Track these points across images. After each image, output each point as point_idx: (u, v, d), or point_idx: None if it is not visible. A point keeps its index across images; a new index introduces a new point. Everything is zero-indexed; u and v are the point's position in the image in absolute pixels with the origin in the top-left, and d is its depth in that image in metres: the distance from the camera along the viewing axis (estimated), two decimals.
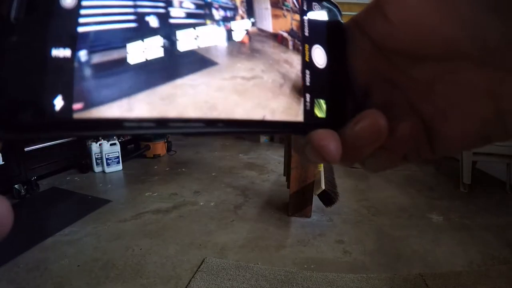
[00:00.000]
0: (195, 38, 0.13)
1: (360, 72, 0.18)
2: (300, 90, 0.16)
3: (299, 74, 0.16)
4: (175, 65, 0.12)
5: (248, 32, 0.15)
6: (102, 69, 0.10)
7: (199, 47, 0.13)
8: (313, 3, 0.17)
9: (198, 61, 0.13)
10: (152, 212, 1.93)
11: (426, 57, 0.15)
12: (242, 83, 0.14)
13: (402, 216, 1.91)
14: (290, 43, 0.16)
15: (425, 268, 1.40)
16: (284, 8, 0.16)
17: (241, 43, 0.15)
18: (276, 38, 0.16)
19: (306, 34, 0.17)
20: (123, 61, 0.11)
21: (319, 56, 0.17)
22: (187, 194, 2.21)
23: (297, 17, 0.17)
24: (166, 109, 0.12)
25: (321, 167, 1.88)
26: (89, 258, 1.44)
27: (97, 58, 0.10)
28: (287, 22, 0.17)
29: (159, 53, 0.12)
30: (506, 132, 0.15)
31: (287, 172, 2.13)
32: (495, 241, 1.61)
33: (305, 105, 0.16)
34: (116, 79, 0.11)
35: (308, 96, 0.17)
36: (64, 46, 0.10)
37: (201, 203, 2.07)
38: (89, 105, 0.10)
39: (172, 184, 2.42)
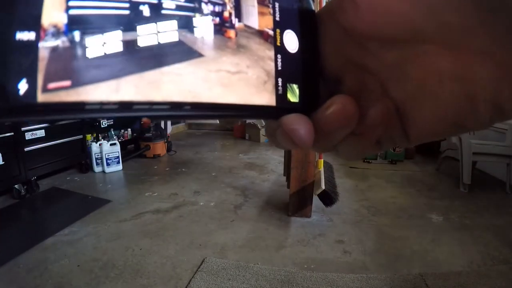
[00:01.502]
0: (182, 30, 0.13)
1: (332, 57, 0.18)
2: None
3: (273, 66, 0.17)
4: (158, 53, 0.12)
5: (235, 28, 0.15)
6: (72, 53, 0.10)
7: (186, 39, 0.13)
8: None
9: (185, 51, 0.13)
10: (152, 212, 1.93)
11: (394, 40, 0.15)
12: (227, 77, 0.14)
13: (402, 216, 1.91)
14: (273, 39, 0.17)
15: (425, 268, 1.40)
16: (267, 4, 0.17)
17: (228, 38, 0.15)
18: (262, 35, 0.16)
19: (277, 19, 0.17)
20: (94, 46, 0.11)
21: (291, 41, 0.17)
22: (187, 194, 2.21)
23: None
24: (150, 92, 0.12)
25: (321, 167, 1.88)
26: (89, 258, 1.44)
27: (72, 42, 0.10)
28: (271, 19, 0.17)
29: (134, 40, 0.12)
30: (478, 120, 0.15)
31: (287, 172, 2.13)
32: (495, 241, 1.61)
33: (277, 90, 0.16)
34: (85, 63, 0.10)
35: (280, 80, 0.17)
36: (29, 29, 0.09)
37: (201, 203, 2.07)
38: (52, 88, 0.10)
39: (172, 184, 2.42)
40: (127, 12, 0.11)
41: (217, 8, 0.15)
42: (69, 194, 2.21)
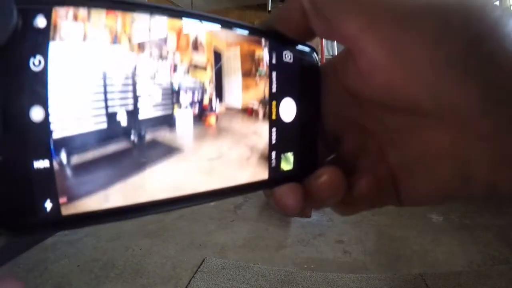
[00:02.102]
0: (159, 129, 0.13)
1: (333, 116, 0.18)
2: (267, 155, 0.17)
3: (267, 140, 0.16)
4: (142, 156, 0.13)
5: (215, 112, 0.15)
6: (78, 170, 0.11)
7: (165, 137, 0.14)
8: (284, 53, 0.17)
9: (164, 150, 0.14)
10: None
11: (396, 108, 0.15)
12: (207, 165, 0.15)
13: (402, 216, 1.91)
14: (261, 112, 0.16)
15: (425, 268, 1.40)
16: (258, 75, 0.16)
17: (208, 126, 0.15)
18: (246, 111, 0.16)
19: (274, 90, 0.16)
20: (96, 161, 0.12)
21: (288, 109, 0.17)
22: None
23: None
24: (138, 195, 0.13)
25: None
26: (89, 258, 1.44)
27: (73, 162, 0.11)
28: (259, 90, 0.16)
29: (127, 147, 0.13)
30: (470, 195, 0.15)
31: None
32: (495, 241, 1.61)
33: (270, 163, 0.17)
34: (93, 177, 0.12)
35: (274, 153, 0.17)
36: (43, 157, 0.11)
37: None
38: (73, 202, 0.11)
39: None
40: (104, 126, 0.12)
41: (196, 97, 0.14)
42: None
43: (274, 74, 0.16)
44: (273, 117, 0.17)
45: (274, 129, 0.17)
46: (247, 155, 0.16)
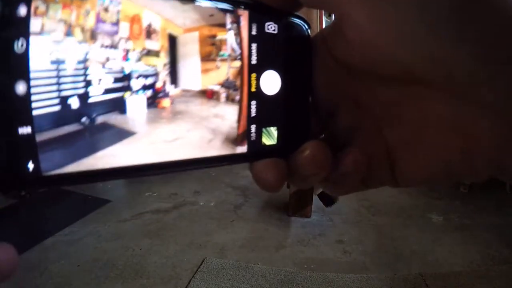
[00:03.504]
0: (113, 111, 0.14)
1: (326, 89, 0.17)
2: (234, 138, 0.16)
3: (233, 124, 0.16)
4: (95, 139, 0.14)
5: (170, 96, 0.15)
6: (55, 136, 0.13)
7: (116, 120, 0.14)
8: (266, 24, 0.16)
9: (116, 133, 0.14)
10: (152, 212, 1.93)
11: (388, 77, 0.14)
12: (163, 146, 0.15)
13: (402, 216, 1.91)
14: (223, 95, 0.16)
15: (425, 268, 1.40)
16: (219, 58, 0.16)
17: (161, 108, 0.15)
18: (205, 94, 0.16)
19: (254, 62, 0.16)
20: (63, 136, 0.13)
21: (271, 82, 0.17)
22: (187, 194, 2.21)
23: (237, 63, 0.16)
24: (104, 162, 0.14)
25: None
26: (89, 258, 1.44)
27: (50, 128, 0.13)
28: (221, 73, 0.16)
29: (80, 128, 0.14)
30: (474, 172, 0.14)
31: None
32: (495, 241, 1.61)
33: (249, 136, 0.16)
34: (63, 148, 0.13)
35: (253, 127, 0.16)
36: (26, 124, 0.12)
37: (201, 203, 2.07)
38: (51, 164, 0.13)
39: (172, 184, 2.41)
40: (58, 108, 0.13)
41: (149, 80, 0.15)
42: (69, 194, 2.21)
43: (254, 46, 0.16)
44: (253, 89, 0.16)
45: (253, 102, 0.16)
46: (209, 137, 0.16)
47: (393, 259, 1.47)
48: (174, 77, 0.15)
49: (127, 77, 0.14)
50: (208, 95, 0.16)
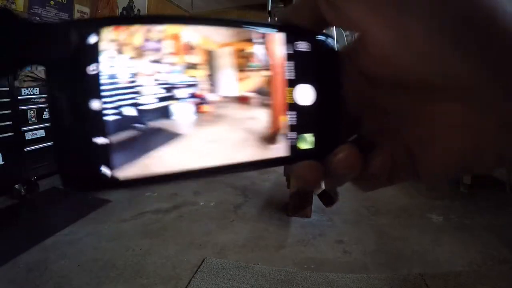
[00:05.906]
0: (163, 118, 0.16)
1: (352, 98, 0.19)
2: (269, 137, 0.19)
3: (266, 124, 0.19)
4: (148, 140, 0.16)
5: (211, 102, 0.17)
6: (124, 145, 0.15)
7: (164, 125, 0.16)
8: (300, 43, 0.18)
9: (166, 136, 0.16)
10: (152, 212, 1.93)
11: (406, 85, 0.16)
12: (208, 146, 0.17)
13: (402, 216, 1.91)
14: (256, 101, 0.18)
15: (425, 268, 1.40)
16: (248, 69, 0.18)
17: (205, 113, 0.17)
18: (242, 100, 0.18)
19: (289, 77, 0.18)
20: (125, 141, 0.15)
21: (305, 95, 0.19)
22: (187, 194, 2.21)
23: (266, 72, 0.19)
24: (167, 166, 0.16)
25: None
26: (89, 258, 1.44)
27: (121, 139, 0.15)
28: (253, 82, 0.18)
29: (137, 133, 0.16)
30: (484, 167, 0.16)
31: (287, 172, 2.13)
32: (495, 241, 1.61)
33: (289, 141, 0.19)
34: (127, 151, 0.15)
35: (291, 134, 0.19)
36: (101, 135, 0.14)
37: (201, 203, 2.07)
38: (122, 168, 0.15)
39: (172, 184, 2.41)
40: (121, 117, 0.15)
41: (191, 90, 0.17)
42: (69, 194, 2.21)
43: (289, 63, 0.18)
44: (289, 101, 0.19)
45: (290, 113, 0.19)
46: (245, 136, 0.18)
47: (393, 259, 1.47)
48: (213, 85, 0.18)
49: (172, 88, 0.17)
50: (243, 100, 0.18)
